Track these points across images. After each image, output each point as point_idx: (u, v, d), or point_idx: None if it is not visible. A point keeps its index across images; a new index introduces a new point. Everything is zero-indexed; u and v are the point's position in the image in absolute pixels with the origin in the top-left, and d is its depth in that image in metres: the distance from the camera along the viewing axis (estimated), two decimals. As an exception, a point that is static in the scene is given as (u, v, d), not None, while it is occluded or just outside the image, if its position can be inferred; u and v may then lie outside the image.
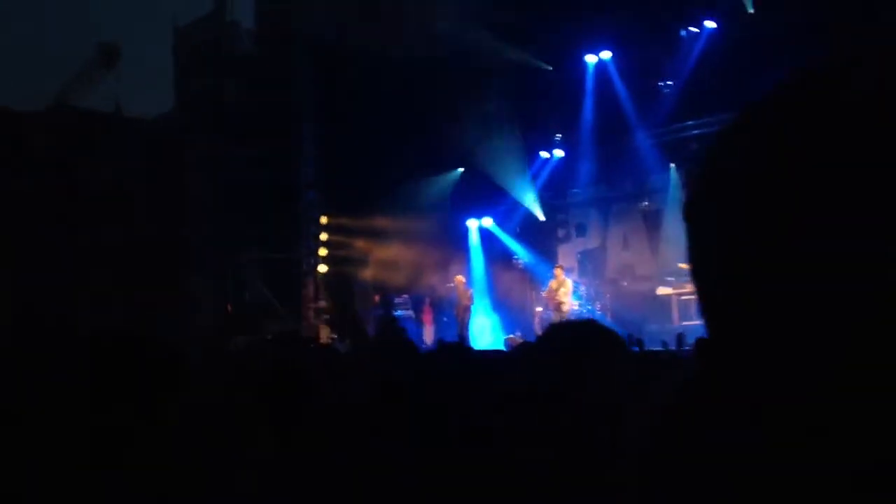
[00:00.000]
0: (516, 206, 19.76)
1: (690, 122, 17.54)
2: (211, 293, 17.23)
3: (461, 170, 19.74)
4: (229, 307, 17.01)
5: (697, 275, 0.72)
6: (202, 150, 17.79)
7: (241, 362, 3.50)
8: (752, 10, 15.73)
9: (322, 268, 18.83)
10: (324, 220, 18.93)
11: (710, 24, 16.55)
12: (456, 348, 3.11)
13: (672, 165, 18.36)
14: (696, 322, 15.64)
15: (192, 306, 16.08)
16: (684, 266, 11.16)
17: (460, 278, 18.13)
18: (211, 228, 17.34)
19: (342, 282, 19.08)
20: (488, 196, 19.57)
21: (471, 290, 18.12)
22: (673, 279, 17.35)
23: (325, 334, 17.80)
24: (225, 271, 17.64)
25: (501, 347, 13.32)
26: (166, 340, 2.82)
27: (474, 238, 20.69)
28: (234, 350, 7.51)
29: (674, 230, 18.33)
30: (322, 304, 18.67)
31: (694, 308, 16.53)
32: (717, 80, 16.00)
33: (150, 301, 15.19)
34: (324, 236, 18.90)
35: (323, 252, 18.87)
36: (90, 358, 2.15)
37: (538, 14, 17.23)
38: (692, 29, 16.88)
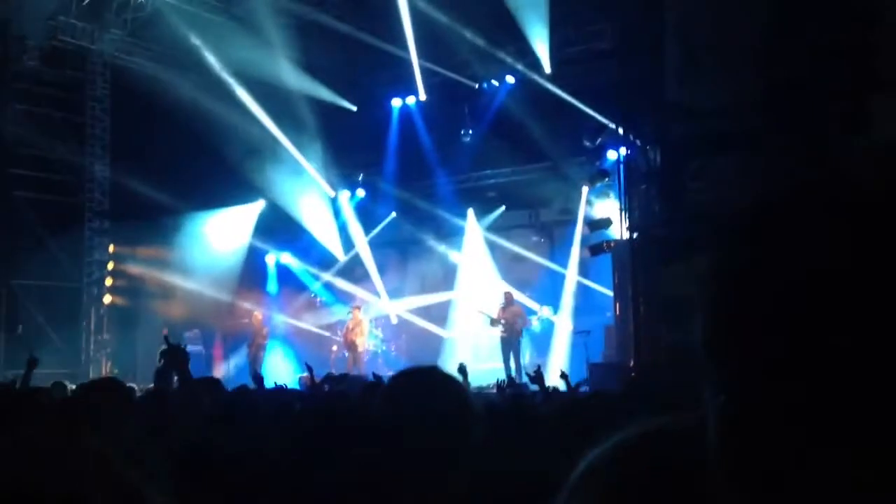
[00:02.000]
0: (316, 242, 19.63)
1: (488, 171, 18.18)
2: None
3: (262, 202, 19.40)
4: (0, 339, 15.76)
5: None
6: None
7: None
8: (548, 70, 16.60)
9: (107, 299, 17.88)
10: (111, 248, 18.00)
11: (509, 80, 17.29)
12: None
13: (470, 211, 18.93)
14: (488, 365, 16.13)
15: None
16: (479, 312, 11.43)
17: (258, 314, 17.75)
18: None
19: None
20: (288, 231, 19.34)
21: (267, 328, 17.77)
22: (467, 322, 17.79)
23: (106, 369, 16.89)
24: (0, 298, 16.35)
25: (296, 386, 13.08)
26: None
27: (272, 273, 20.34)
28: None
29: (469, 274, 18.86)
30: (106, 336, 17.69)
31: (485, 351, 17.05)
32: (514, 132, 16.72)
33: None
34: (111, 266, 17.97)
35: (109, 282, 17.92)
36: None
37: (345, 54, 17.37)
38: (493, 82, 17.56)
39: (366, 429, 2.26)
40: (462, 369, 6.20)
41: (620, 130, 13.14)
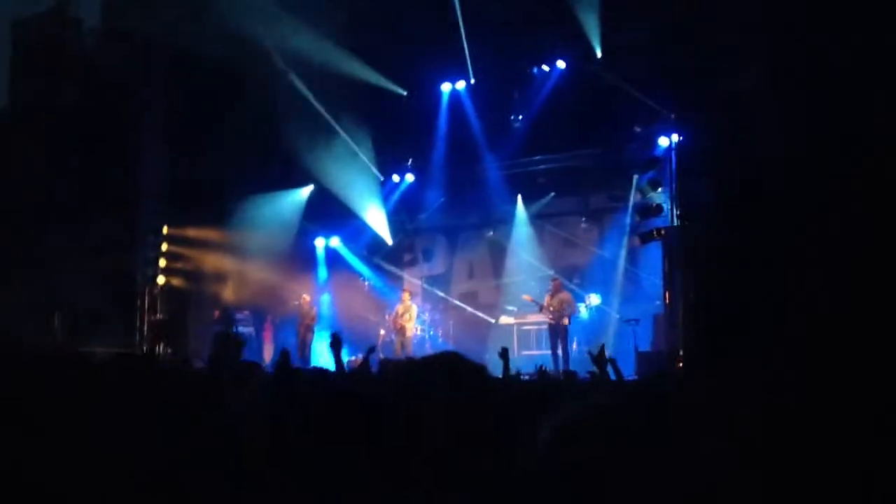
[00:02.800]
0: (365, 227, 19.74)
1: (538, 157, 18.09)
2: (39, 301, 16.31)
3: (312, 187, 19.55)
4: (57, 318, 16.12)
5: None
6: (38, 150, 16.89)
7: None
8: (600, 55, 16.44)
9: (160, 279, 18.18)
10: (165, 230, 18.29)
11: (560, 65, 17.16)
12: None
13: (519, 197, 18.86)
14: (535, 352, 16.13)
15: (16, 316, 15.17)
16: (528, 298, 11.41)
17: (306, 297, 17.94)
18: (43, 233, 16.44)
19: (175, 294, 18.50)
20: (337, 215, 19.46)
21: (315, 310, 17.94)
22: (515, 309, 17.77)
23: (159, 348, 17.18)
24: (56, 279, 16.72)
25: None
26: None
27: (321, 257, 20.51)
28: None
29: (517, 261, 18.82)
30: (160, 316, 18.01)
31: (533, 338, 17.04)
32: (564, 118, 16.60)
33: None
34: (164, 247, 18.26)
35: (163, 263, 18.22)
36: None
37: (395, 38, 17.39)
38: (544, 67, 17.44)
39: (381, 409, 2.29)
40: (503, 354, 6.19)
41: (672, 116, 12.99)
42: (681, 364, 11.59)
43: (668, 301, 13.70)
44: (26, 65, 18.07)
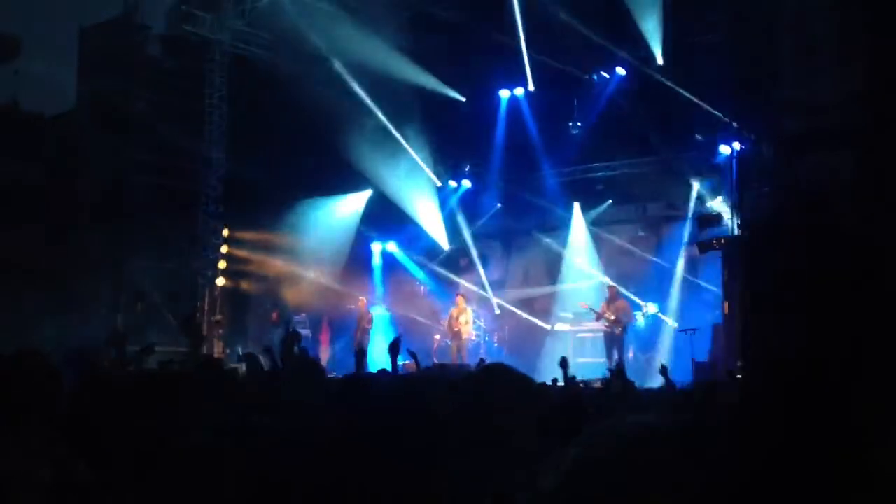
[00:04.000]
0: (421, 232, 19.82)
1: (596, 164, 17.97)
2: (102, 300, 16.71)
3: (370, 191, 19.70)
4: (119, 319, 16.48)
5: None
6: (104, 153, 17.32)
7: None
8: (661, 62, 16.27)
9: (220, 281, 18.48)
10: (225, 232, 18.59)
11: (620, 71, 17.04)
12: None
13: (576, 204, 18.76)
14: (589, 359, 16.02)
15: (81, 315, 15.57)
16: (584, 305, 11.31)
17: (363, 300, 18.05)
18: (107, 233, 16.84)
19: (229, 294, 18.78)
20: (394, 220, 19.57)
21: (371, 314, 18.05)
22: (570, 316, 17.66)
23: (219, 349, 17.45)
24: (120, 278, 17.13)
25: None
26: (41, 360, 2.74)
27: (377, 261, 20.64)
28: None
29: (573, 268, 18.71)
30: (219, 317, 18.29)
31: (588, 345, 16.92)
32: (623, 125, 16.47)
33: (39, 305, 14.68)
34: (224, 249, 18.55)
35: (223, 265, 18.51)
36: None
37: (455, 45, 17.45)
38: (603, 74, 17.34)
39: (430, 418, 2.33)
40: (563, 363, 6.19)
41: (734, 124, 12.81)
42: (739, 375, 11.40)
43: (726, 311, 13.51)
44: (94, 70, 18.55)
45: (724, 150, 14.41)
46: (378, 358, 17.64)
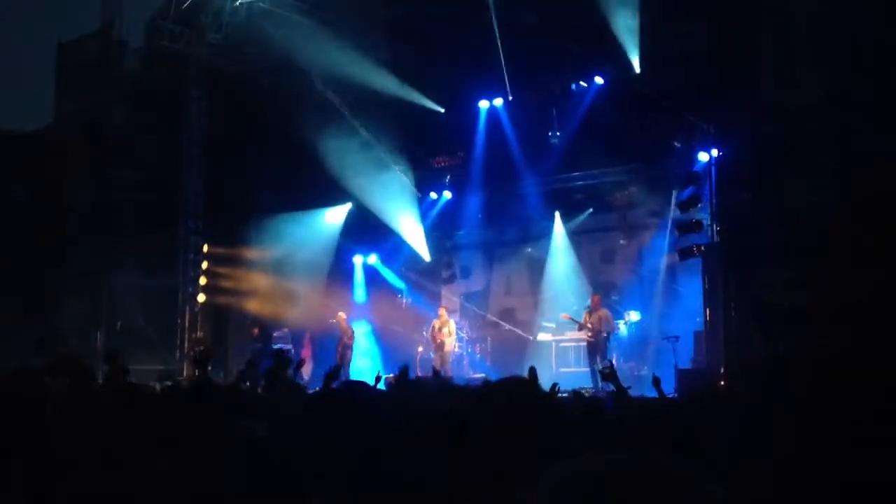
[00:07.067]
0: (403, 244, 19.77)
1: (576, 173, 18.01)
2: (83, 316, 16.55)
3: (350, 204, 19.65)
4: (99, 335, 16.33)
5: None
6: (82, 168, 17.19)
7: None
8: (638, 70, 16.32)
9: (201, 297, 18.34)
10: (205, 248, 18.46)
11: (598, 80, 17.08)
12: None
13: (557, 213, 18.78)
14: (573, 369, 16.00)
15: (61, 330, 15.42)
16: (565, 316, 11.29)
17: (342, 315, 17.97)
18: (88, 247, 16.70)
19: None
20: (375, 233, 19.52)
21: (353, 329, 17.97)
22: (553, 326, 17.65)
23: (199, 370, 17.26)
24: (100, 296, 16.95)
25: (381, 387, 13.20)
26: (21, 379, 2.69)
27: (359, 274, 20.57)
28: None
29: (555, 277, 18.71)
30: (199, 333, 18.15)
31: (571, 355, 16.90)
32: (602, 134, 16.51)
33: (16, 322, 14.53)
34: (204, 265, 18.42)
35: (203, 281, 18.37)
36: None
37: (433, 56, 17.44)
38: (581, 83, 17.38)
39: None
40: (532, 372, 6.14)
41: (712, 130, 12.86)
42: (723, 382, 11.42)
43: (708, 318, 13.53)
44: (72, 85, 18.43)
45: (703, 157, 14.46)
46: (359, 373, 17.59)
